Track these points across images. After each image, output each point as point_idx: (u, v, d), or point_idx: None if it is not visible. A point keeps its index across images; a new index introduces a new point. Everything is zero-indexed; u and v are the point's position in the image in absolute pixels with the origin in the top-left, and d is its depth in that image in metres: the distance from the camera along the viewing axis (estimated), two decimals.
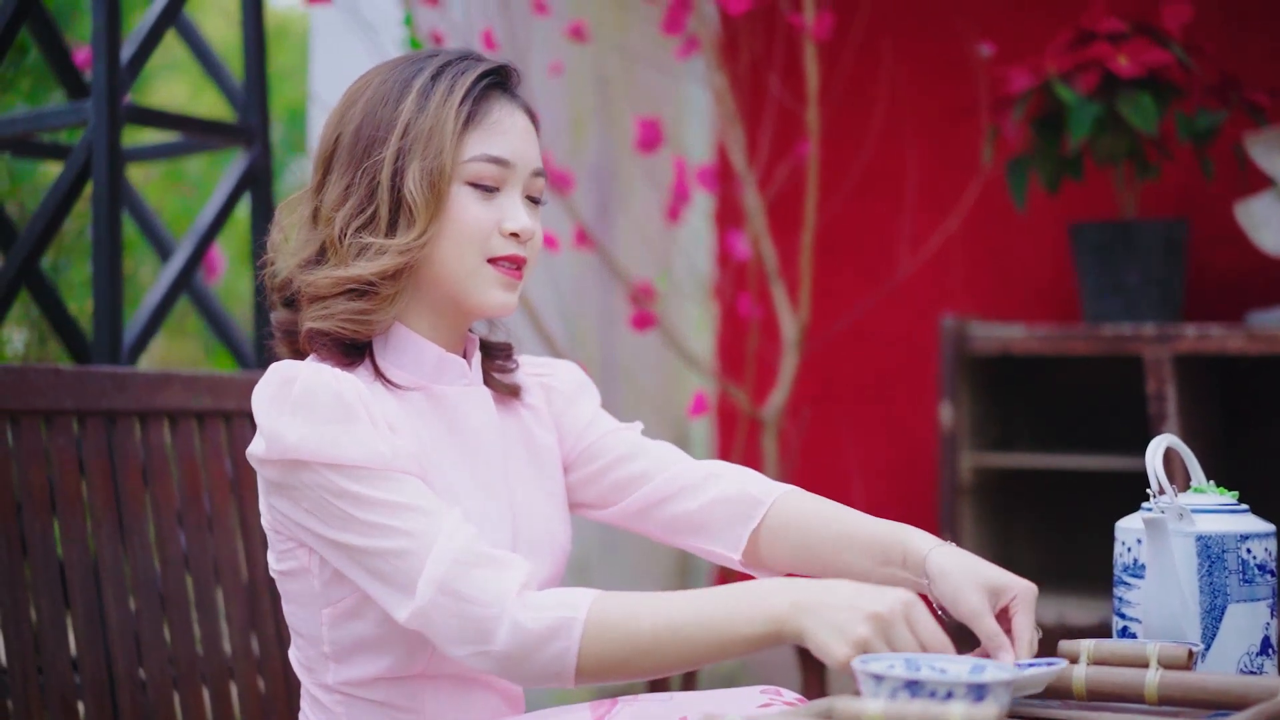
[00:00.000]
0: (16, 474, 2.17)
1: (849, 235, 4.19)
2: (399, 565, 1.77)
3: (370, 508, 1.78)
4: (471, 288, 1.90)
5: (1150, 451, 1.90)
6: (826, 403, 4.24)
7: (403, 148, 1.87)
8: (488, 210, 1.90)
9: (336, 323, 1.89)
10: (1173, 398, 3.37)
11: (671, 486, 2.06)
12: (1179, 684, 1.59)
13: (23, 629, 2.13)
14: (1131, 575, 1.89)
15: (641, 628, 1.72)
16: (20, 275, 2.79)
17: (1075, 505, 3.93)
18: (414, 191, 1.86)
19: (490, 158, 1.90)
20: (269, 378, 1.84)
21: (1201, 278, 3.78)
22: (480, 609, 1.74)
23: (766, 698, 1.90)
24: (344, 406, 1.80)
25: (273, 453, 1.80)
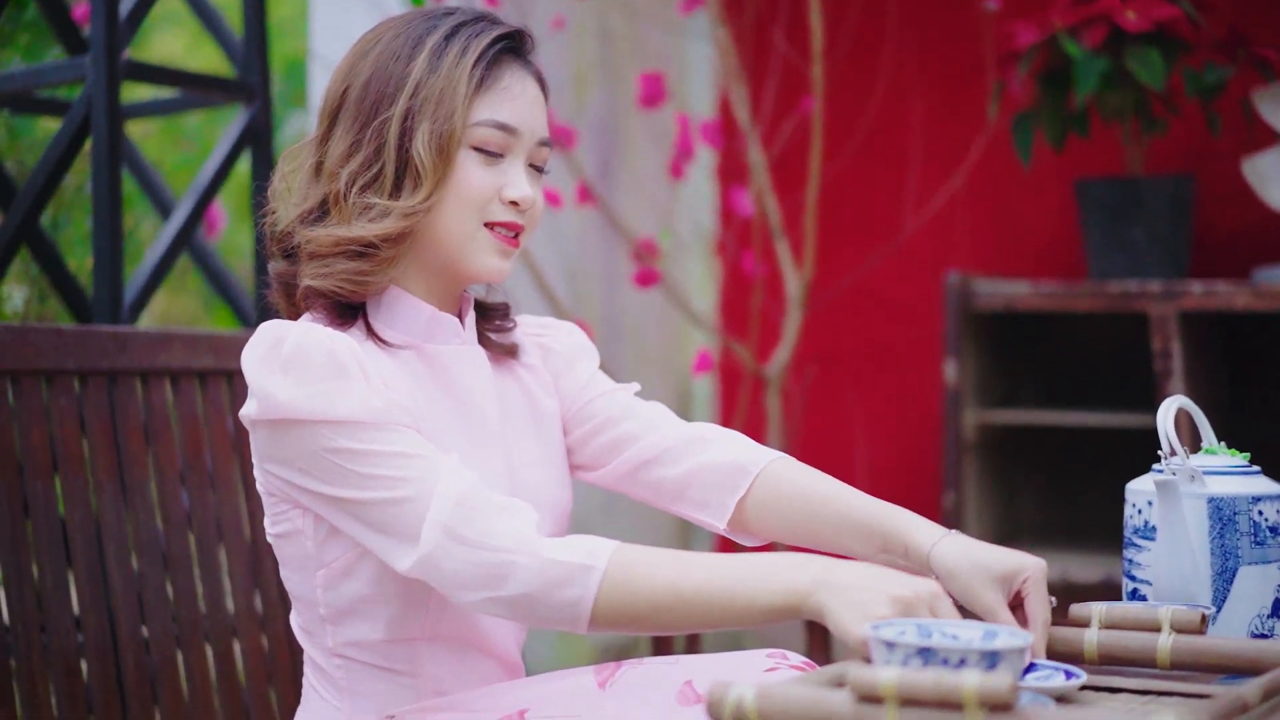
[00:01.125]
0: (18, 434, 2.15)
1: (853, 192, 4.16)
2: (399, 513, 1.75)
3: (366, 460, 1.76)
4: (468, 252, 1.89)
5: (1161, 413, 1.88)
6: (830, 360, 4.23)
7: (412, 107, 1.85)
8: (490, 176, 1.88)
9: (334, 282, 1.87)
10: (1178, 355, 3.36)
11: (657, 449, 2.04)
12: (1191, 648, 1.58)
13: (25, 588, 2.12)
14: (1142, 537, 1.87)
15: (661, 585, 1.70)
16: (20, 233, 2.77)
17: (1080, 462, 3.93)
18: (422, 154, 1.84)
19: (498, 124, 1.88)
20: (259, 338, 1.82)
21: (1208, 234, 3.76)
22: (490, 553, 1.72)
23: (773, 661, 1.89)
24: (336, 363, 1.78)
25: (265, 412, 1.78)
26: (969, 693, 1.25)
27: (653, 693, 1.85)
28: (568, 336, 2.13)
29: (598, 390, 2.10)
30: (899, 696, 1.28)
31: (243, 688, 2.39)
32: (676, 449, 2.03)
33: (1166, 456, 1.88)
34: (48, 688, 2.12)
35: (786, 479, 1.99)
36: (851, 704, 1.30)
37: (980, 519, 3.70)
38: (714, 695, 1.35)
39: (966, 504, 3.63)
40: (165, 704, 2.28)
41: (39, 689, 2.10)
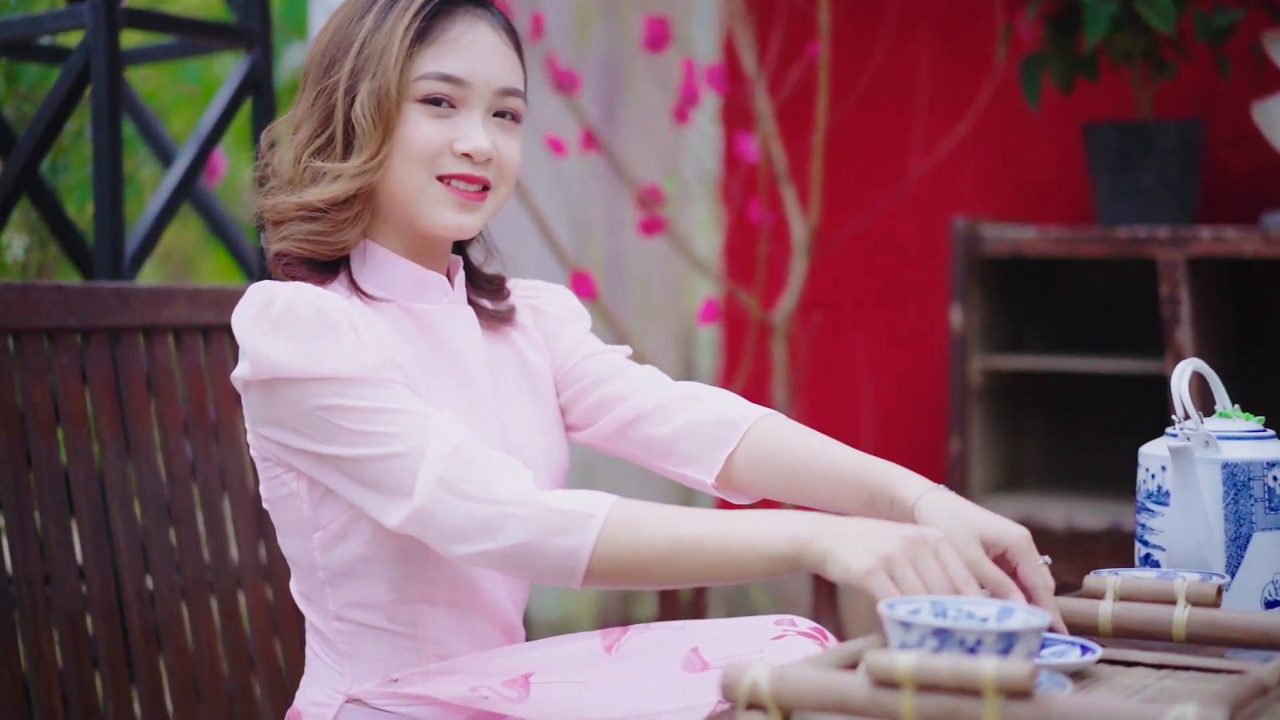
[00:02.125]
0: (20, 392, 2.14)
1: (860, 137, 4.13)
2: (392, 468, 1.73)
3: (358, 416, 1.74)
4: (422, 208, 1.86)
5: (1175, 376, 1.86)
6: (836, 306, 4.20)
7: (356, 66, 1.84)
8: (442, 129, 1.85)
9: (293, 244, 1.86)
10: (1186, 301, 3.34)
11: (645, 406, 2.00)
12: (1207, 622, 1.57)
13: (28, 542, 2.11)
14: (1155, 502, 1.86)
15: (661, 536, 1.68)
16: (20, 182, 2.74)
17: (1086, 408, 3.91)
18: (361, 113, 1.82)
19: (442, 75, 1.84)
20: (249, 299, 1.80)
21: (1217, 179, 3.73)
22: (485, 504, 1.70)
23: (780, 629, 1.88)
24: (327, 321, 1.76)
25: (258, 372, 1.77)
26: (987, 679, 1.24)
27: (658, 659, 1.84)
28: (560, 299, 2.11)
29: (588, 351, 2.07)
30: (916, 682, 1.27)
31: (248, 640, 2.39)
32: (666, 406, 1.99)
33: (1180, 420, 1.86)
34: (52, 641, 2.11)
35: (775, 434, 1.95)
36: (868, 688, 1.29)
37: (985, 465, 3.69)
38: (729, 677, 1.33)
39: (971, 450, 3.62)
40: (171, 656, 2.27)
41: (43, 643, 2.09)
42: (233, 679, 2.35)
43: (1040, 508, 3.58)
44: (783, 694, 1.31)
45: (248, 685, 2.37)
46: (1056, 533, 3.51)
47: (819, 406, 4.20)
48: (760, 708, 1.32)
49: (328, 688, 1.90)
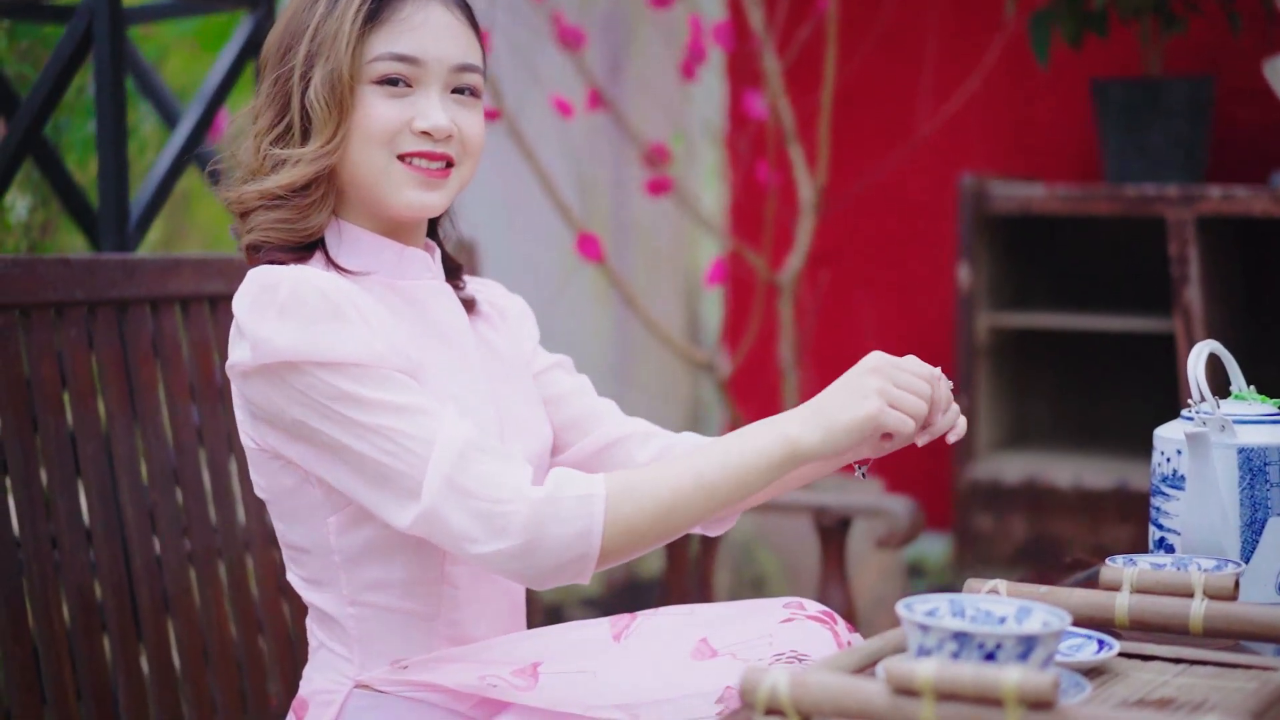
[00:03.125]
0: (29, 366, 2.13)
1: (868, 94, 4.10)
2: (401, 467, 1.72)
3: (366, 409, 1.73)
4: (385, 188, 1.85)
5: (1191, 359, 1.85)
6: (843, 263, 4.19)
7: (310, 52, 1.82)
8: (399, 109, 1.83)
9: (262, 233, 1.85)
10: (1195, 260, 3.33)
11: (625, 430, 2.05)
12: (1224, 615, 1.56)
13: (36, 509, 2.10)
14: (1170, 486, 1.85)
15: (663, 489, 1.72)
16: (24, 144, 2.72)
17: (1093, 366, 3.91)
18: (314, 99, 1.81)
19: (395, 55, 1.83)
20: (250, 283, 1.78)
21: (1227, 136, 3.71)
22: (491, 503, 1.70)
23: (789, 611, 1.88)
24: (332, 305, 1.75)
25: (261, 357, 1.74)
26: (1009, 690, 1.23)
27: (666, 647, 1.84)
28: (517, 303, 2.12)
29: (544, 364, 2.09)
30: (937, 691, 1.26)
31: (256, 604, 2.39)
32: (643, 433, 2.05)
33: (1196, 403, 1.85)
34: (60, 607, 2.11)
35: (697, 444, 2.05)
36: (888, 696, 1.28)
37: (992, 423, 3.69)
38: (747, 683, 1.33)
39: (978, 408, 3.61)
40: (179, 621, 2.27)
41: (52, 609, 2.09)
42: (241, 644, 2.35)
43: (1047, 466, 3.58)
44: (802, 700, 1.31)
45: (256, 650, 2.37)
46: (1064, 491, 3.51)
47: (825, 365, 4.19)
48: (779, 713, 1.31)
49: (335, 674, 1.89)
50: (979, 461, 3.60)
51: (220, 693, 2.30)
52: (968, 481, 3.58)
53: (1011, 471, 3.57)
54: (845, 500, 2.71)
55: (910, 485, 4.10)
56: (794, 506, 2.77)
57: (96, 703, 2.13)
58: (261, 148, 1.85)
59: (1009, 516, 3.56)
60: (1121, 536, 3.45)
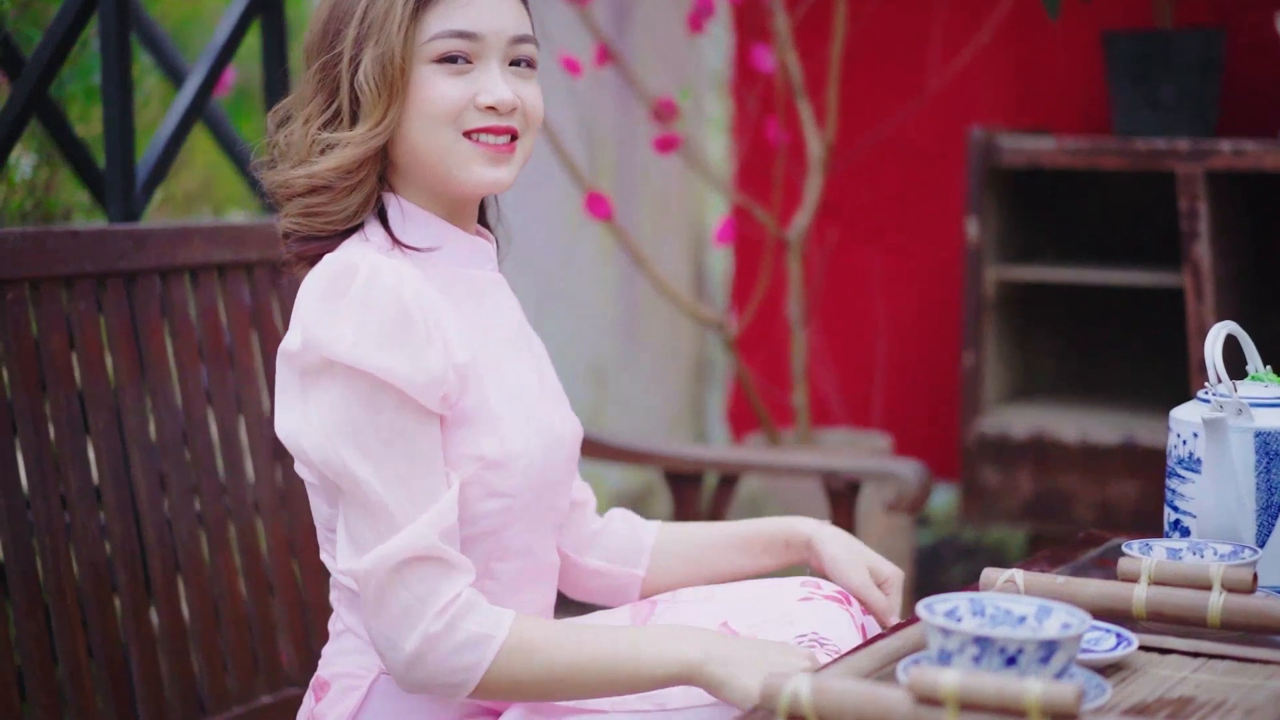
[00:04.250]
0: (39, 339, 2.13)
1: (877, 47, 4.07)
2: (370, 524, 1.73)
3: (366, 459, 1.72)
4: (453, 166, 1.82)
5: (1209, 341, 1.85)
6: (851, 218, 4.17)
7: (359, 35, 1.80)
8: (462, 86, 1.81)
9: (291, 220, 1.84)
10: (1204, 215, 3.32)
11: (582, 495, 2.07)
12: (1242, 609, 1.56)
13: (46, 469, 2.10)
14: (1186, 468, 1.85)
15: (558, 657, 1.73)
16: (29, 105, 2.70)
17: (1101, 321, 3.90)
18: (365, 81, 1.79)
19: (453, 32, 1.80)
20: (324, 270, 1.76)
21: (1238, 89, 3.68)
22: (411, 599, 1.72)
23: (807, 590, 1.90)
24: (404, 316, 1.73)
25: (313, 350, 1.73)
26: (1032, 701, 1.24)
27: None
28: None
29: None
30: (960, 700, 1.26)
31: (266, 564, 2.39)
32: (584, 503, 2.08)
33: (1213, 385, 1.85)
34: (71, 568, 2.11)
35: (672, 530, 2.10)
36: (910, 704, 1.28)
37: (999, 377, 3.68)
38: (769, 689, 1.33)
39: (985, 362, 3.61)
40: (190, 581, 2.27)
41: (63, 569, 2.09)
42: (251, 604, 2.36)
43: (1053, 420, 3.58)
44: (824, 707, 1.31)
45: (267, 610, 2.37)
46: (1070, 446, 3.51)
47: (833, 320, 4.19)
48: (801, 719, 1.32)
49: (361, 659, 1.88)
50: (986, 415, 3.60)
51: (231, 653, 2.31)
52: (975, 435, 3.58)
53: (1018, 426, 3.57)
54: (855, 464, 2.71)
55: (917, 437, 4.10)
56: (803, 470, 2.77)
57: (108, 662, 2.13)
58: (310, 133, 1.83)
59: (1016, 471, 3.56)
60: (1128, 492, 3.45)
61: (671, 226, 4.25)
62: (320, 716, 1.90)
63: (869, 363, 4.19)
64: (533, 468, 1.84)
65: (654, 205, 4.20)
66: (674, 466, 2.79)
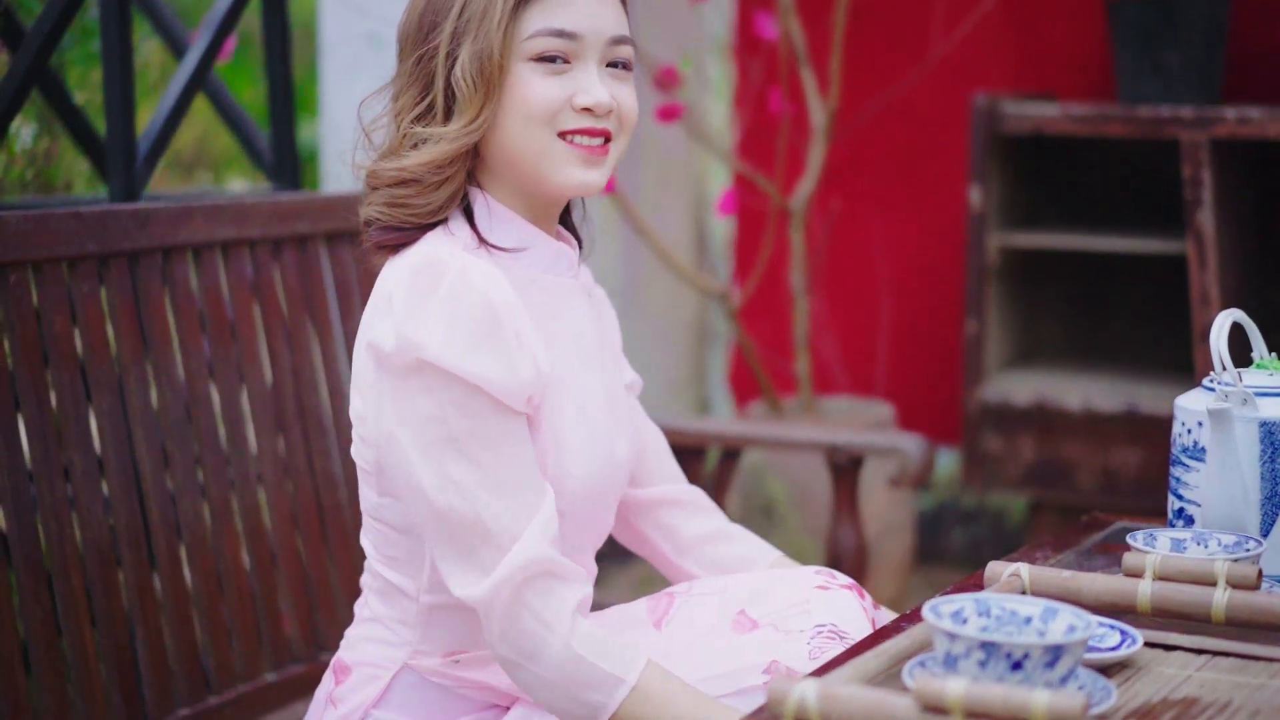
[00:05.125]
0: (41, 321, 2.13)
1: (881, 11, 4.04)
2: (477, 543, 1.71)
3: (467, 463, 1.71)
4: (547, 167, 1.80)
5: (1214, 330, 1.84)
6: (854, 184, 4.15)
7: (457, 29, 1.77)
8: (559, 85, 1.79)
9: (377, 209, 1.82)
10: (1208, 183, 3.31)
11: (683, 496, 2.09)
12: (1247, 606, 1.56)
13: (48, 438, 2.10)
14: (1190, 457, 1.85)
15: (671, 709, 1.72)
16: (30, 75, 2.69)
17: (1104, 288, 3.89)
18: (461, 77, 1.76)
19: (553, 31, 1.78)
20: (412, 265, 1.74)
21: (1243, 55, 3.66)
22: (536, 623, 1.71)
23: (822, 579, 1.90)
24: (492, 318, 1.71)
25: (404, 351, 1.71)
26: (1039, 710, 1.24)
27: (709, 627, 1.87)
28: (609, 304, 2.07)
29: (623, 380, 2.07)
30: (966, 708, 1.27)
31: (269, 534, 2.39)
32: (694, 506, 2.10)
33: (1218, 374, 1.85)
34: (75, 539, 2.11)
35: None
36: (916, 712, 1.29)
37: (1001, 344, 3.68)
38: (775, 694, 1.34)
39: (988, 329, 3.61)
40: (192, 550, 2.28)
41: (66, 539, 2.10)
42: (254, 574, 2.36)
43: (1056, 387, 3.57)
44: (831, 713, 1.31)
45: (270, 580, 2.38)
46: (1073, 414, 3.51)
47: (836, 288, 4.18)
48: None
49: (386, 649, 1.88)
50: (988, 382, 3.60)
51: (235, 626, 2.32)
52: (977, 402, 3.58)
53: (1021, 393, 3.57)
54: (858, 439, 2.71)
55: (920, 403, 4.11)
56: (807, 444, 2.77)
57: (112, 636, 2.13)
58: (403, 126, 1.81)
59: (1018, 438, 3.56)
60: (1130, 460, 3.46)
61: (673, 195, 4.24)
62: (340, 699, 1.90)
63: (872, 330, 4.19)
64: (584, 491, 1.84)
65: (656, 174, 4.19)
66: (676, 440, 2.78)
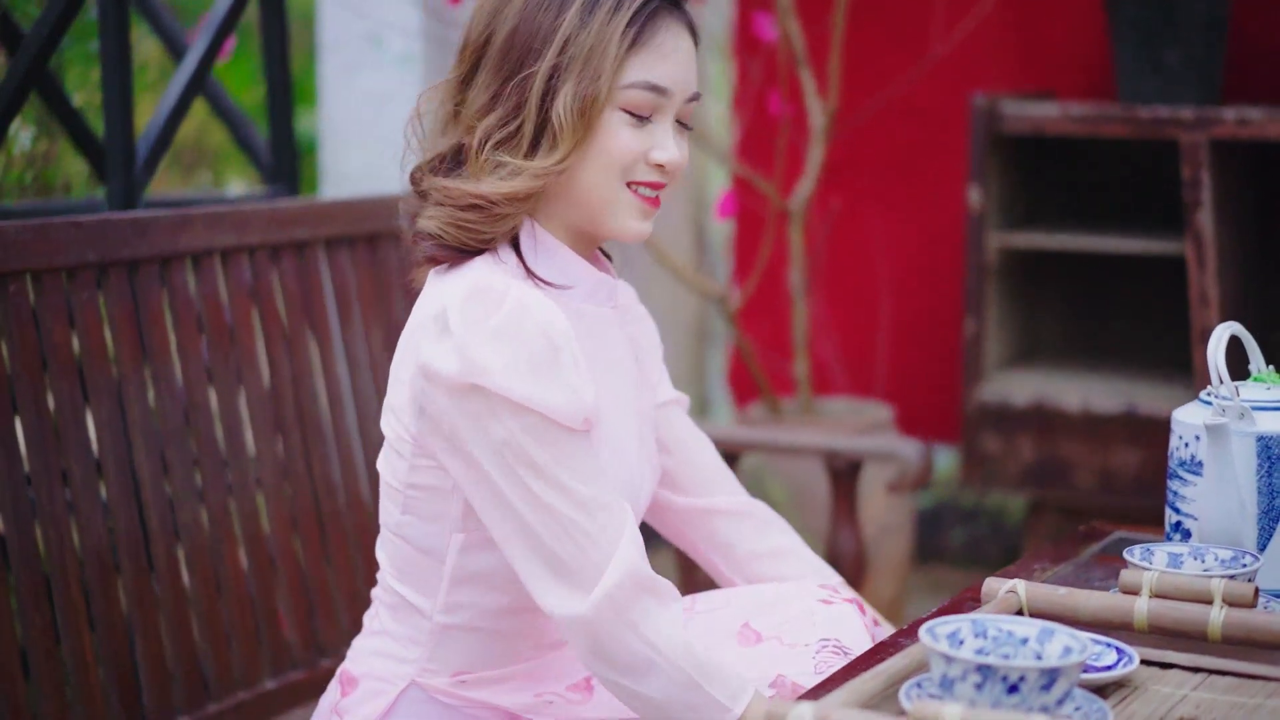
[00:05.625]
0: (40, 331, 2.13)
1: (880, 12, 4.04)
2: (573, 560, 1.70)
3: (549, 485, 1.70)
4: (610, 214, 1.80)
5: (1211, 343, 1.85)
6: (853, 183, 4.15)
7: (559, 64, 1.74)
8: (638, 138, 1.78)
9: (439, 225, 1.78)
10: (1207, 184, 3.30)
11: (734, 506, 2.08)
12: (1243, 624, 1.57)
13: (46, 443, 2.10)
14: (1188, 471, 1.85)
15: None
16: (29, 78, 2.69)
17: (1103, 288, 3.89)
18: (563, 115, 1.74)
19: (650, 85, 1.77)
20: (469, 288, 1.72)
21: (1244, 53, 3.66)
22: (645, 646, 1.70)
23: (825, 593, 1.91)
24: (552, 346, 1.70)
25: (466, 375, 1.68)
26: None
27: (714, 641, 1.87)
28: (651, 325, 2.07)
29: (664, 397, 2.07)
30: None
31: (268, 538, 2.40)
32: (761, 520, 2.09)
33: (1215, 388, 1.85)
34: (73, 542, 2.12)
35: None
36: None
37: (1000, 344, 3.68)
38: (774, 714, 1.34)
39: (987, 329, 3.61)
40: (190, 554, 2.28)
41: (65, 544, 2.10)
42: (253, 578, 2.36)
43: (1055, 388, 3.57)
44: None
45: (268, 583, 2.38)
46: (1072, 415, 3.51)
47: (835, 288, 4.18)
48: None
49: (394, 664, 1.88)
50: (987, 382, 3.60)
51: (234, 630, 2.32)
52: (976, 402, 3.58)
53: (1020, 393, 3.57)
54: (856, 444, 2.72)
55: (919, 403, 4.11)
56: (805, 449, 2.77)
57: (110, 638, 2.14)
58: (486, 148, 1.77)
59: (1017, 438, 3.56)
60: (1129, 460, 3.46)
61: (672, 196, 4.23)
62: (345, 711, 1.90)
63: (871, 330, 4.19)
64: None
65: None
66: None
